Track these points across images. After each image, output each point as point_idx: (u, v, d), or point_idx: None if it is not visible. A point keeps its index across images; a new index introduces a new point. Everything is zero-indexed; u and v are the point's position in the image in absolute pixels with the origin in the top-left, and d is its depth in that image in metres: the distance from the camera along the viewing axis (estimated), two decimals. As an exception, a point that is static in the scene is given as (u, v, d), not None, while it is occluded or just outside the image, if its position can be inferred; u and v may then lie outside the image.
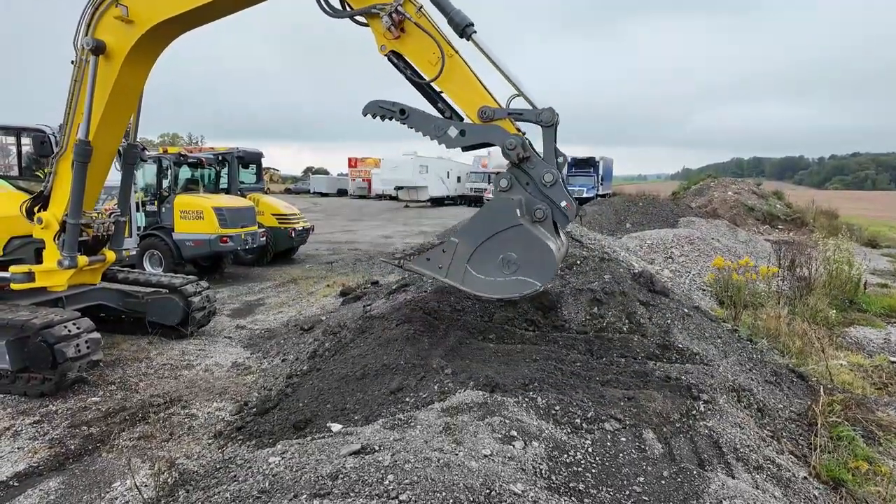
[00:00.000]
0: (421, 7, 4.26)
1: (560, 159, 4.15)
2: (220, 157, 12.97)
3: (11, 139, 6.93)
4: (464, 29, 4.19)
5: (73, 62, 5.17)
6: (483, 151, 42.88)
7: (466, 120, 4.36)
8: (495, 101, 4.23)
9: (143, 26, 4.95)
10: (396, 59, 4.45)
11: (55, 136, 6.43)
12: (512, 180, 4.17)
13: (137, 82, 5.47)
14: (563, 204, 4.12)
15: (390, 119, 4.45)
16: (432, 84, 4.40)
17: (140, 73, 5.42)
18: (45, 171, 5.80)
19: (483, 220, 4.01)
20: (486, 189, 37.70)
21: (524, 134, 4.33)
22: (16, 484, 3.81)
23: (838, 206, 25.75)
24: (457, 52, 4.26)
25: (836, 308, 8.29)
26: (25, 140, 6.80)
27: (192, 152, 13.49)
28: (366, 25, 4.46)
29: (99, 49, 4.99)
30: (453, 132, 4.27)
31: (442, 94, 4.52)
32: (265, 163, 16.00)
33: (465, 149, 4.44)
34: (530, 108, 4.19)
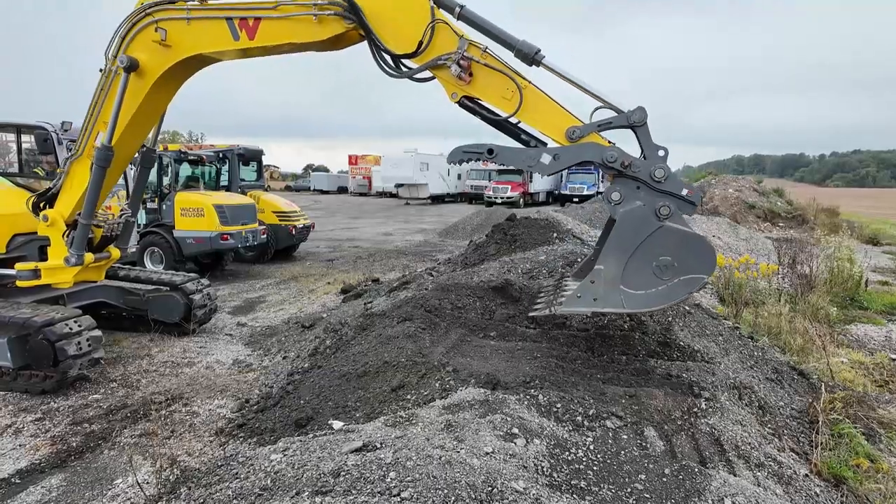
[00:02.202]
0: (486, 48, 4.24)
1: (661, 152, 4.03)
2: (221, 155, 12.96)
3: (11, 136, 6.92)
4: (533, 57, 4.17)
5: (101, 70, 5.19)
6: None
7: (553, 144, 4.30)
8: (578, 119, 4.19)
9: (181, 54, 4.93)
10: (470, 103, 4.41)
11: (57, 134, 6.45)
12: (622, 190, 4.04)
13: (165, 99, 5.51)
14: (685, 192, 3.96)
15: (476, 160, 4.40)
16: (509, 118, 4.36)
17: (169, 92, 5.44)
18: (59, 169, 5.83)
19: (621, 237, 3.85)
20: (486, 186, 37.63)
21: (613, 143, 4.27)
22: (18, 481, 3.81)
23: (839, 204, 25.72)
24: (529, 81, 4.23)
25: (837, 305, 8.28)
26: (25, 137, 6.80)
27: (192, 149, 13.46)
28: (426, 80, 4.43)
29: (132, 67, 4.98)
30: (546, 159, 4.18)
31: (519, 125, 4.46)
32: (266, 160, 15.98)
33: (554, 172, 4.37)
34: (615, 115, 4.10)
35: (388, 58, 4.43)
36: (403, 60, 4.43)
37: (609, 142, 4.19)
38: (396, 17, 4.34)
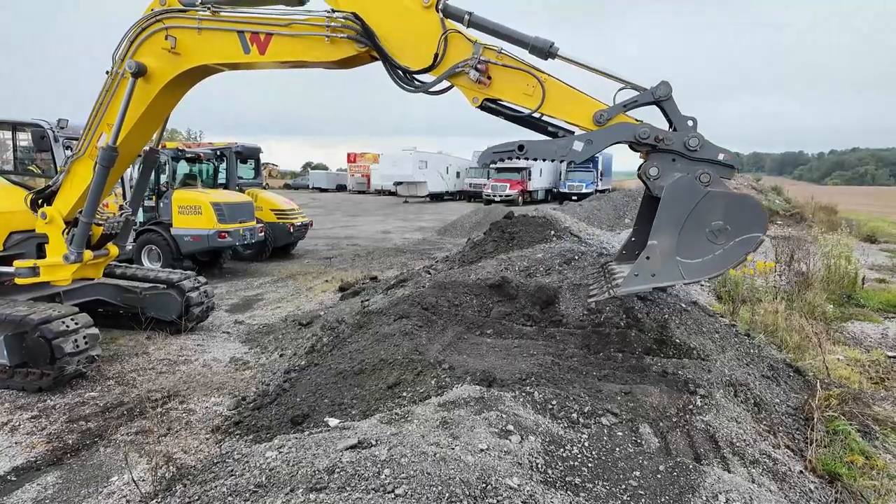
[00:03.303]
0: (501, 49, 4.27)
1: (690, 122, 4.08)
2: (219, 153, 12.93)
3: (7, 133, 6.90)
4: (548, 51, 4.20)
5: (107, 72, 5.18)
6: (481, 146, 42.71)
7: (580, 131, 4.33)
8: (602, 103, 4.22)
9: (190, 63, 4.92)
10: (492, 104, 4.44)
11: (53, 131, 6.45)
12: (659, 165, 4.09)
13: (171, 104, 5.51)
14: (721, 156, 4.03)
15: (508, 159, 4.47)
16: (533, 114, 4.38)
17: (175, 97, 5.43)
18: (60, 168, 5.85)
19: (670, 209, 3.85)
20: (484, 184, 37.59)
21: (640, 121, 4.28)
22: (14, 478, 3.81)
23: (837, 202, 25.75)
24: (549, 74, 4.25)
25: (834, 303, 8.29)
26: (21, 135, 6.78)
27: (190, 147, 13.43)
28: (442, 92, 4.46)
29: (140, 73, 4.97)
30: (579, 145, 4.22)
31: (542, 118, 4.50)
32: (264, 158, 15.94)
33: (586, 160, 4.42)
34: (639, 92, 4.14)
35: (402, 73, 4.44)
36: (420, 74, 4.43)
37: (637, 120, 4.21)
38: (409, 35, 4.37)
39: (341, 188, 56.00)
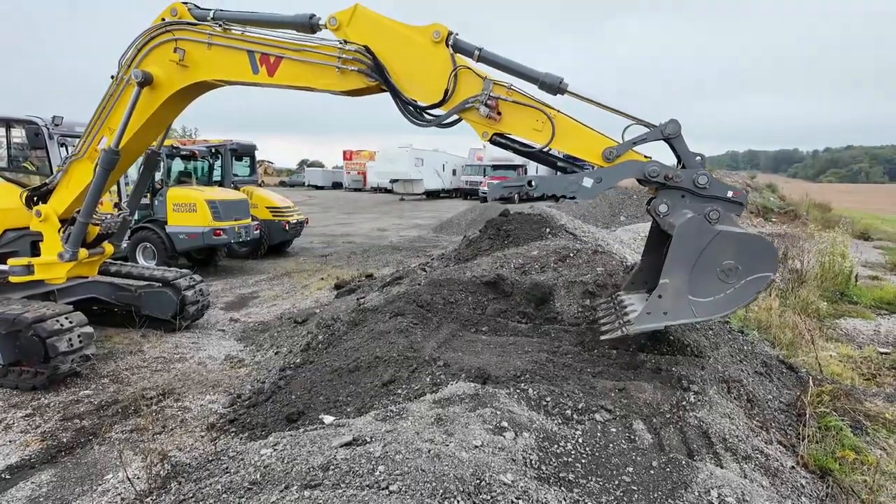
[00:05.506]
0: (511, 85, 4.27)
1: (698, 158, 4.14)
2: (214, 150, 12.88)
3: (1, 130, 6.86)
4: (558, 87, 4.22)
5: (112, 77, 5.16)
6: (478, 144, 42.71)
7: (588, 167, 4.35)
8: (611, 139, 4.23)
9: (197, 76, 4.87)
10: (501, 139, 4.45)
11: (48, 128, 6.42)
12: (668, 201, 4.12)
13: (175, 113, 5.49)
14: (730, 194, 4.06)
15: (517, 194, 4.49)
16: (543, 149, 4.40)
17: (180, 106, 5.40)
18: (57, 167, 5.83)
19: (681, 248, 3.87)
20: (481, 182, 37.55)
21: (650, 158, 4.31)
22: (8, 477, 3.81)
23: (831, 199, 25.91)
24: (558, 110, 4.27)
25: (828, 300, 8.36)
26: (15, 132, 6.74)
27: (185, 144, 13.37)
28: (453, 124, 4.45)
29: (146, 82, 4.92)
30: (589, 182, 4.22)
31: (550, 152, 4.50)
32: (259, 155, 15.89)
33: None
34: (648, 130, 4.17)
35: (413, 108, 4.44)
36: (430, 109, 4.43)
37: (646, 156, 4.25)
38: (418, 70, 4.36)
39: (337, 186, 55.82)
